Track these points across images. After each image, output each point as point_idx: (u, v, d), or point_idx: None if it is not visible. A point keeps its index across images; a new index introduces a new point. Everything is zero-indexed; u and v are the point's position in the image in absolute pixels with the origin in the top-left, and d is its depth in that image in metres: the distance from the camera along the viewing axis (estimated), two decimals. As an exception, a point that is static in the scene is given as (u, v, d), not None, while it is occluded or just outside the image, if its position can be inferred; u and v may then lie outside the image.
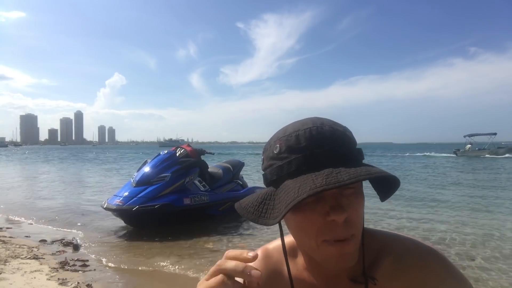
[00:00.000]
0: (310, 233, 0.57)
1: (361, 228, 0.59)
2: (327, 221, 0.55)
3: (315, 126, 0.58)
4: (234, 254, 0.51)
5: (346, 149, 0.57)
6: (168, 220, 5.64)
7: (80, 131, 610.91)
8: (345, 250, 0.55)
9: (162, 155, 6.31)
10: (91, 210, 7.35)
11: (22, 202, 8.55)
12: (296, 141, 0.58)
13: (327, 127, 0.59)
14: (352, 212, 0.56)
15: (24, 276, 3.53)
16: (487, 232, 5.42)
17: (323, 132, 0.58)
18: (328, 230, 0.55)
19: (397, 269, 0.62)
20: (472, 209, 7.49)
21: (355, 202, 0.57)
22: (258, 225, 3.18)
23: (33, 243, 4.86)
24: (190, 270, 3.87)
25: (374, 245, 0.66)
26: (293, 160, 0.57)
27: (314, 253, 0.59)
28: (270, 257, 0.72)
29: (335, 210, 0.54)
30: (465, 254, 4.38)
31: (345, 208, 0.55)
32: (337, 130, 0.59)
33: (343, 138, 0.58)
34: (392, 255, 0.64)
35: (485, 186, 11.46)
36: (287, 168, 0.57)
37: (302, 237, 0.59)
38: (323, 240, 0.56)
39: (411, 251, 0.64)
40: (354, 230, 0.56)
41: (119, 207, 5.40)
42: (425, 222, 6.17)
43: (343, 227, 0.55)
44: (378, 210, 6.94)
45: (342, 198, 0.56)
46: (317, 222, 0.56)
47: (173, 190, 5.73)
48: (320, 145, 0.56)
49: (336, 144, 0.57)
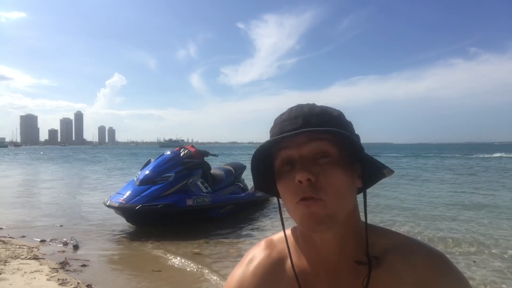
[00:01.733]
0: (287, 198, 0.62)
1: (336, 197, 0.59)
2: (296, 183, 0.59)
3: (297, 105, 0.67)
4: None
5: (321, 119, 0.63)
6: (170, 220, 5.64)
7: (80, 131, 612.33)
8: (310, 209, 0.58)
9: (166, 155, 6.33)
10: (91, 210, 7.32)
11: (21, 202, 8.51)
12: (280, 117, 0.67)
13: (309, 105, 0.66)
14: (323, 178, 0.59)
15: (24, 276, 3.50)
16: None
17: (301, 108, 0.65)
18: (296, 191, 0.59)
19: (402, 266, 0.63)
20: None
21: (328, 170, 0.60)
22: (259, 225, 3.14)
23: (33, 243, 4.83)
24: (192, 271, 3.84)
25: (380, 242, 0.67)
26: (275, 131, 0.65)
27: (294, 218, 0.63)
28: (274, 247, 0.74)
29: (298, 171, 0.59)
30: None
31: (312, 171, 0.59)
32: (317, 107, 0.66)
33: (321, 112, 0.64)
34: (398, 253, 0.65)
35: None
36: (268, 140, 0.65)
37: (285, 203, 0.64)
38: (295, 202, 0.60)
39: (415, 249, 0.65)
40: (321, 195, 0.58)
41: (121, 205, 5.39)
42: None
43: (308, 187, 0.58)
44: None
45: (314, 165, 0.60)
46: (291, 186, 0.60)
47: (176, 190, 5.73)
48: (295, 117, 0.64)
49: (309, 115, 0.63)
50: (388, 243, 0.67)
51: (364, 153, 0.65)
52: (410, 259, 0.64)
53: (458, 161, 28.47)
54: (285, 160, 0.62)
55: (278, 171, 0.64)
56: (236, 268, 0.75)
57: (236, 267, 0.75)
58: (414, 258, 0.64)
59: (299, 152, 0.61)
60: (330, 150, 0.61)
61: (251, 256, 0.75)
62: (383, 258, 0.65)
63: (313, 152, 0.61)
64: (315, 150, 0.61)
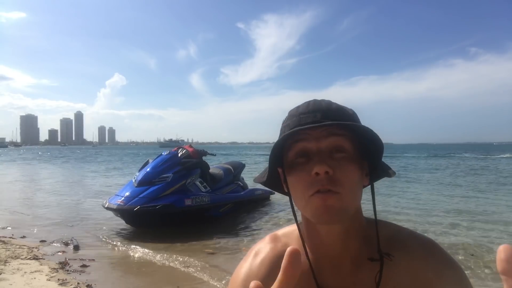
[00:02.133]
0: (300, 189, 0.63)
1: (351, 191, 0.61)
2: (312, 175, 0.60)
3: (314, 100, 0.69)
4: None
5: (338, 116, 0.64)
6: (169, 221, 5.63)
7: (80, 131, 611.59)
8: (327, 202, 0.59)
9: (164, 155, 6.31)
10: (92, 210, 7.33)
11: (22, 202, 8.53)
12: (296, 110, 0.69)
13: (327, 101, 0.68)
14: (339, 172, 0.60)
15: (24, 276, 3.51)
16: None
17: (319, 103, 0.67)
18: (312, 183, 0.60)
19: (401, 257, 0.66)
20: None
21: (343, 164, 0.61)
22: (258, 223, 3.16)
23: (33, 243, 4.84)
24: (192, 271, 3.85)
25: (384, 232, 0.69)
26: (290, 123, 0.67)
27: (305, 210, 0.64)
28: (279, 241, 0.76)
29: (317, 163, 0.60)
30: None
31: (329, 165, 0.60)
32: (334, 104, 0.67)
33: (338, 108, 0.66)
34: (396, 244, 0.67)
35: None
36: (284, 131, 0.67)
37: (296, 195, 0.64)
38: (310, 195, 0.61)
39: (414, 240, 0.68)
40: (339, 188, 0.60)
41: (120, 207, 5.39)
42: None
43: (326, 181, 0.59)
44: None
45: (330, 160, 0.61)
46: (305, 179, 0.62)
47: (174, 190, 5.72)
48: (313, 110, 0.65)
49: (327, 110, 0.65)
50: (386, 234, 0.69)
51: (380, 151, 0.66)
52: (405, 246, 0.67)
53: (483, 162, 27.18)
54: (300, 152, 0.63)
55: (291, 162, 0.64)
56: (242, 262, 0.76)
57: (242, 261, 0.76)
58: (408, 244, 0.67)
59: (317, 145, 0.62)
60: (345, 145, 0.62)
61: (256, 250, 0.76)
62: (383, 249, 0.66)
63: (330, 146, 0.62)
64: (332, 144, 0.62)
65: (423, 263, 0.65)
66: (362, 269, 0.66)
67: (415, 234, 0.70)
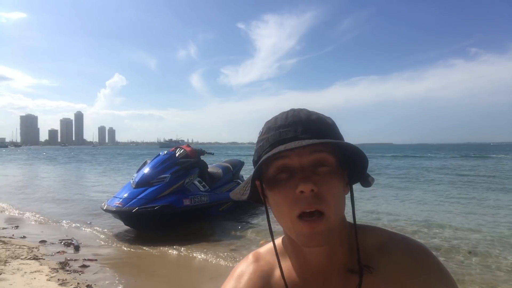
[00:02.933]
0: (284, 208, 0.61)
1: (336, 208, 0.61)
2: (296, 193, 0.58)
3: (292, 110, 0.66)
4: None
5: (319, 128, 0.63)
6: (168, 221, 5.61)
7: (80, 131, 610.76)
8: (315, 229, 0.58)
9: (161, 155, 6.27)
10: (92, 210, 7.33)
11: (22, 202, 8.53)
12: (274, 122, 0.66)
13: (305, 111, 0.66)
14: (324, 188, 0.59)
15: (24, 276, 3.52)
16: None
17: (298, 114, 0.64)
18: (297, 202, 0.59)
19: (389, 264, 0.64)
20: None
21: (327, 180, 0.60)
22: (258, 222, 3.17)
23: (33, 243, 4.85)
24: (191, 271, 3.86)
25: (366, 240, 0.68)
26: (269, 138, 0.64)
27: (290, 231, 0.62)
28: (262, 259, 0.74)
29: (301, 180, 0.58)
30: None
31: (314, 181, 0.58)
32: (314, 114, 0.65)
33: (318, 120, 0.64)
34: (384, 251, 0.66)
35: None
36: (264, 146, 0.64)
37: (279, 213, 0.62)
38: (297, 216, 0.59)
39: (403, 247, 0.66)
40: (323, 207, 0.58)
41: (118, 209, 5.36)
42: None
43: (312, 200, 0.58)
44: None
45: (314, 175, 0.60)
46: (289, 196, 0.60)
47: (172, 191, 5.69)
48: (293, 123, 0.63)
49: (308, 123, 0.63)
50: (373, 242, 0.68)
51: (365, 165, 0.65)
52: (393, 255, 0.65)
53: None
54: (282, 167, 0.61)
55: (272, 178, 0.62)
56: (225, 283, 0.74)
57: (225, 282, 0.74)
58: (397, 253, 0.65)
59: (300, 161, 0.60)
60: (328, 159, 0.61)
61: (239, 271, 0.74)
62: (368, 258, 0.65)
63: (312, 161, 0.60)
64: (315, 159, 0.60)
65: (411, 274, 0.63)
66: (348, 281, 0.65)
67: (407, 242, 0.67)
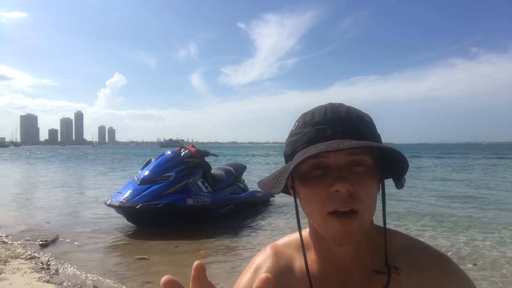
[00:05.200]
0: (315, 204, 0.59)
1: (369, 208, 0.59)
2: (331, 191, 0.57)
3: (331, 106, 0.64)
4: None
5: (359, 127, 0.60)
6: (170, 219, 5.64)
7: (80, 131, 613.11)
8: (348, 227, 0.57)
9: (166, 154, 6.36)
10: (92, 210, 7.31)
11: (21, 202, 8.49)
12: (311, 117, 0.63)
13: (344, 108, 0.63)
14: (358, 188, 0.57)
15: (24, 276, 3.50)
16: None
17: (338, 111, 0.62)
18: (331, 200, 0.57)
19: (414, 268, 0.64)
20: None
21: (363, 179, 0.58)
22: (259, 225, 3.11)
23: (33, 243, 4.81)
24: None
25: (391, 244, 0.66)
26: (306, 133, 0.61)
27: (320, 227, 0.61)
28: (281, 253, 0.72)
29: (338, 180, 0.57)
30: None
31: (350, 181, 0.57)
32: (353, 111, 0.63)
33: (358, 118, 0.62)
34: (408, 255, 0.65)
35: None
36: (300, 141, 0.62)
37: (310, 209, 0.61)
38: (328, 212, 0.57)
39: (426, 252, 0.66)
40: (358, 206, 0.57)
41: (122, 204, 5.41)
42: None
43: (347, 199, 0.57)
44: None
45: (350, 174, 0.58)
46: (322, 193, 0.58)
47: (176, 190, 5.74)
48: (332, 120, 0.61)
49: (348, 122, 0.60)
50: (396, 246, 0.67)
51: (405, 169, 0.63)
52: (418, 262, 0.64)
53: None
54: (317, 164, 0.60)
55: (305, 174, 0.61)
56: (242, 275, 0.72)
57: (242, 275, 0.72)
58: (421, 261, 0.64)
59: (337, 160, 0.59)
60: (365, 159, 0.60)
61: (257, 263, 0.72)
62: (392, 261, 0.64)
63: (349, 160, 0.59)
64: (353, 159, 0.59)
65: (434, 281, 0.62)
66: (370, 281, 0.64)
67: (430, 250, 0.67)
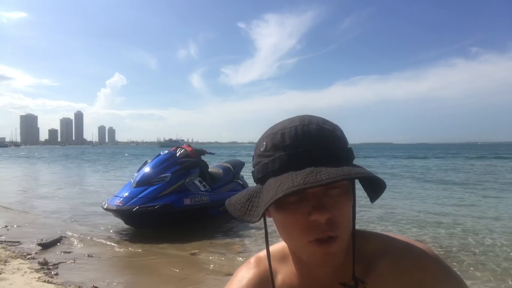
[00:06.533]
0: (294, 232, 0.57)
1: (347, 229, 0.58)
2: (309, 220, 0.55)
3: (301, 125, 0.58)
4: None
5: (332, 148, 0.57)
6: (169, 220, 5.63)
7: (80, 131, 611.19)
8: (328, 250, 0.55)
9: (162, 155, 6.31)
10: (92, 210, 7.32)
11: (21, 202, 8.51)
12: (281, 139, 0.58)
13: (314, 125, 0.58)
14: (337, 212, 0.56)
15: (24, 276, 3.51)
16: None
17: (309, 130, 0.57)
18: (310, 230, 0.55)
19: (393, 271, 0.62)
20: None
21: (340, 202, 0.56)
22: (258, 225, 3.13)
23: (33, 243, 4.83)
24: (190, 271, 3.86)
25: (369, 248, 0.66)
26: (277, 158, 0.57)
27: (300, 253, 0.59)
28: (263, 265, 0.72)
29: (316, 209, 0.54)
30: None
31: (328, 208, 0.55)
32: (325, 129, 0.58)
33: (330, 137, 0.57)
34: (388, 258, 0.63)
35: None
36: (271, 166, 0.57)
37: (288, 235, 0.59)
38: (308, 241, 0.56)
39: (406, 253, 0.63)
40: (338, 231, 0.56)
41: (119, 208, 5.39)
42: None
43: (326, 227, 0.55)
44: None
45: (327, 198, 0.56)
46: (300, 221, 0.56)
47: (173, 190, 5.71)
48: (304, 144, 0.56)
49: (321, 143, 0.56)
50: (376, 248, 0.65)
51: (383, 189, 0.62)
52: (398, 265, 0.62)
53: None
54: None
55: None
56: (226, 287, 0.73)
57: (225, 287, 0.73)
58: (404, 262, 0.62)
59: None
60: (341, 183, 0.58)
61: (240, 276, 0.73)
62: (371, 266, 0.63)
63: (326, 187, 0.56)
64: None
65: (417, 281, 0.61)
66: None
67: (411, 249, 0.64)
